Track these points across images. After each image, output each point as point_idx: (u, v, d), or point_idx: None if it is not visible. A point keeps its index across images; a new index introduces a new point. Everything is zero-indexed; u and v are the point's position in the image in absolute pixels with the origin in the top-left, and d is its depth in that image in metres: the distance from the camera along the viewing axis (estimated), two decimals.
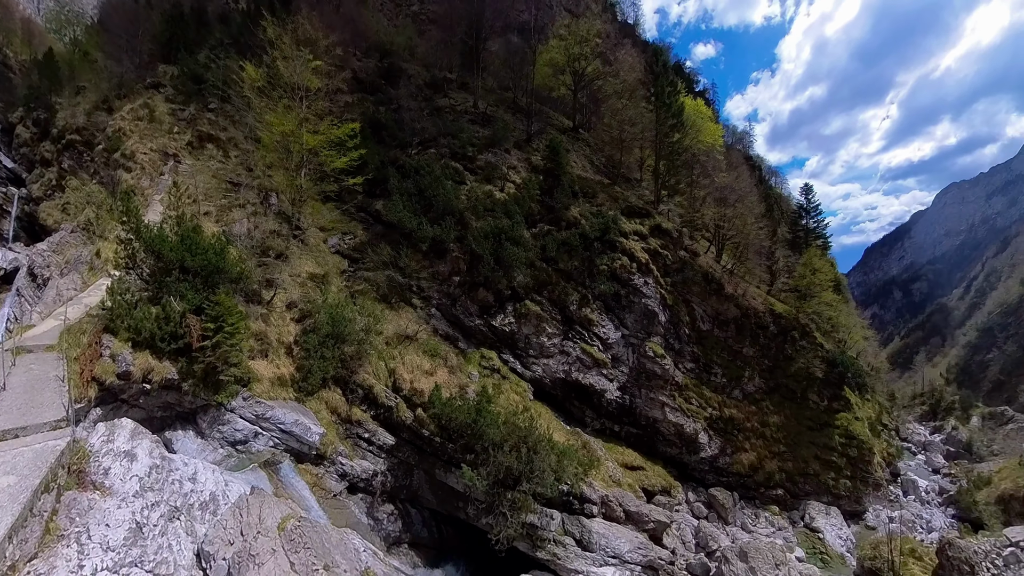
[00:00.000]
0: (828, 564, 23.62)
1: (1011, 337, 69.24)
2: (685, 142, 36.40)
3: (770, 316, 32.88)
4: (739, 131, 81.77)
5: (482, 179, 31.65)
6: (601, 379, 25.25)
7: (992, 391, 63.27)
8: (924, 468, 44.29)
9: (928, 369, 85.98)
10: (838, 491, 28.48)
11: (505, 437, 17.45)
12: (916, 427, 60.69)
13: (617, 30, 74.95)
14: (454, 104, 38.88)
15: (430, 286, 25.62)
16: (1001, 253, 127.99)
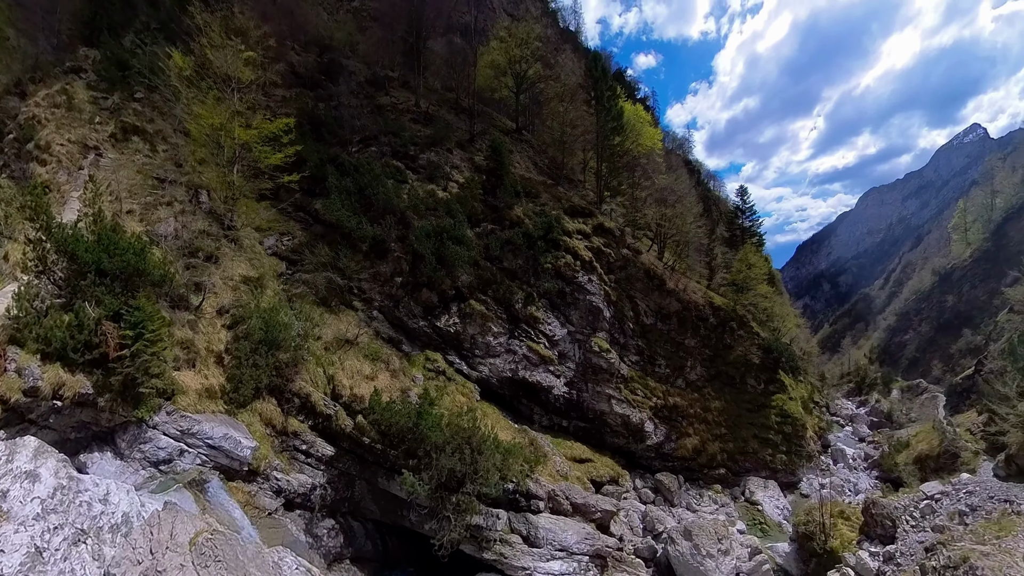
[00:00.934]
0: (767, 533, 25.15)
1: (924, 320, 76.04)
2: (626, 145, 37.64)
3: (710, 309, 34.52)
4: (679, 137, 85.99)
5: (424, 178, 31.41)
6: (548, 376, 25.55)
7: (909, 367, 69.33)
8: (851, 438, 47.91)
9: (854, 351, 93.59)
10: (775, 465, 30.31)
11: (448, 439, 17.23)
12: (844, 402, 65.78)
13: (558, 35, 76.60)
14: (396, 102, 38.37)
15: (371, 288, 25.03)
16: (915, 248, 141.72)
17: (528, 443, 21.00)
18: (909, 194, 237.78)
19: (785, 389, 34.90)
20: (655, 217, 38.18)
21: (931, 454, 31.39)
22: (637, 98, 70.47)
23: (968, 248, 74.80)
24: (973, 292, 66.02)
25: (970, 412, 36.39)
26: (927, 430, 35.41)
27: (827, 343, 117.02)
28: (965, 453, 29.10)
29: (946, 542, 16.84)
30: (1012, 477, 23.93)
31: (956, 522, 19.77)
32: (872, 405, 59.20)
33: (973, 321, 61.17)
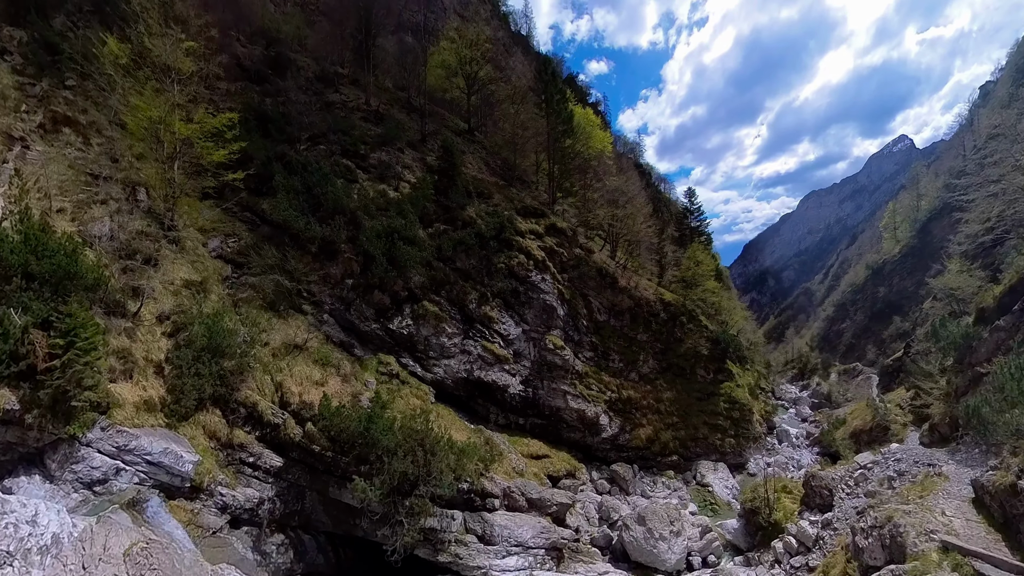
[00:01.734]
0: (717, 512, 26.52)
1: (859, 309, 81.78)
2: (576, 147, 38.49)
3: (660, 304, 35.85)
4: (630, 141, 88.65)
5: (375, 178, 31.04)
6: (504, 375, 25.84)
7: (846, 352, 74.35)
8: (795, 419, 51.19)
9: (797, 340, 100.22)
10: (724, 449, 31.93)
11: (401, 443, 17.08)
12: (788, 387, 70.41)
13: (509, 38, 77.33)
14: (346, 100, 37.62)
15: (321, 290, 24.47)
16: (851, 246, 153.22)
17: (484, 442, 21.18)
18: (845, 197, 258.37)
19: (733, 377, 36.77)
20: (607, 217, 39.33)
21: (865, 428, 33.91)
22: (589, 102, 72.26)
23: (897, 245, 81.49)
24: (902, 283, 71.65)
25: (899, 389, 39.14)
26: (862, 407, 38.19)
27: (772, 333, 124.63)
28: (895, 425, 31.63)
29: (875, 505, 18.40)
30: (935, 444, 25.97)
31: (886, 487, 21.65)
32: (813, 388, 63.27)
33: (902, 309, 66.34)
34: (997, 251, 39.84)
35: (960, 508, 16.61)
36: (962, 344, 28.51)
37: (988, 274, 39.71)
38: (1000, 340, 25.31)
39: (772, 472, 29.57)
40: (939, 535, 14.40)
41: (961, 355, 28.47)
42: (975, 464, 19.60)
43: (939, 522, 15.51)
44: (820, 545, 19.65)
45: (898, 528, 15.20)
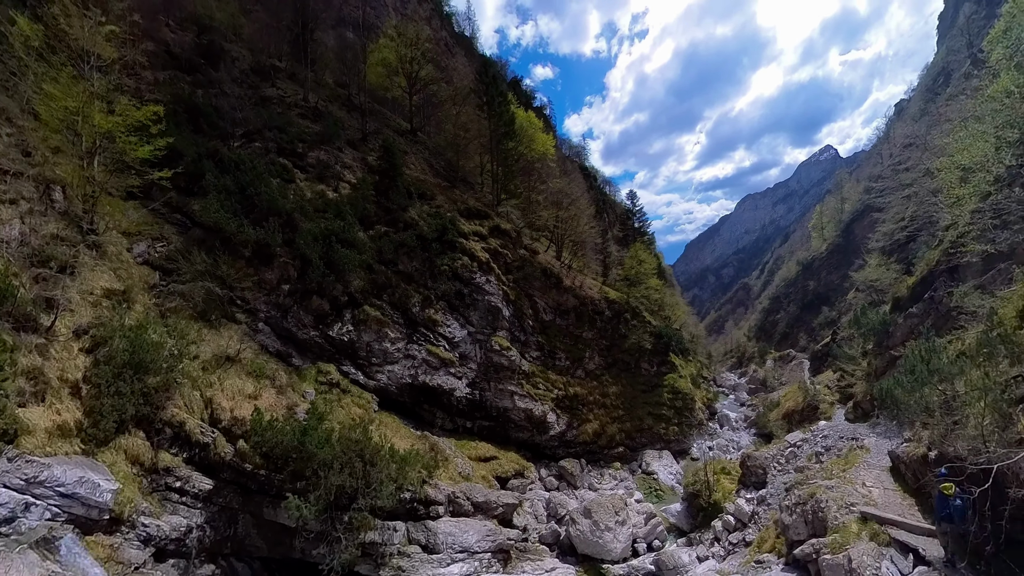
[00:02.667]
0: (662, 497, 27.36)
1: (792, 301, 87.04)
2: (520, 149, 38.47)
3: (605, 302, 36.48)
4: (575, 145, 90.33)
5: (313, 178, 29.67)
6: (450, 378, 25.33)
7: (781, 340, 79.00)
8: (734, 404, 54.11)
9: (736, 331, 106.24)
10: (669, 437, 32.97)
11: (338, 455, 16.38)
12: (728, 375, 74.42)
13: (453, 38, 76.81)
14: (283, 95, 35.78)
15: (256, 297, 22.94)
16: (784, 244, 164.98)
17: (428, 449, 20.60)
18: (778, 200, 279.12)
19: (676, 369, 38.04)
20: (551, 219, 39.60)
21: (797, 409, 35.97)
22: (534, 106, 72.96)
23: (824, 243, 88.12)
24: (829, 277, 77.14)
25: (827, 372, 42.04)
26: (794, 390, 40.49)
27: (713, 326, 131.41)
28: (823, 405, 33.83)
29: (802, 481, 19.28)
30: (858, 419, 27.83)
31: (814, 462, 23.01)
32: (751, 374, 66.84)
33: (829, 300, 71.32)
34: (910, 247, 43.65)
35: (879, 478, 17.68)
36: (880, 330, 31.06)
37: (903, 267, 43.31)
38: (913, 325, 27.78)
39: (713, 456, 30.76)
40: (858, 507, 15.08)
41: (880, 339, 31.05)
42: (892, 436, 21.01)
43: (859, 494, 16.33)
44: (755, 520, 20.64)
45: (820, 504, 15.91)
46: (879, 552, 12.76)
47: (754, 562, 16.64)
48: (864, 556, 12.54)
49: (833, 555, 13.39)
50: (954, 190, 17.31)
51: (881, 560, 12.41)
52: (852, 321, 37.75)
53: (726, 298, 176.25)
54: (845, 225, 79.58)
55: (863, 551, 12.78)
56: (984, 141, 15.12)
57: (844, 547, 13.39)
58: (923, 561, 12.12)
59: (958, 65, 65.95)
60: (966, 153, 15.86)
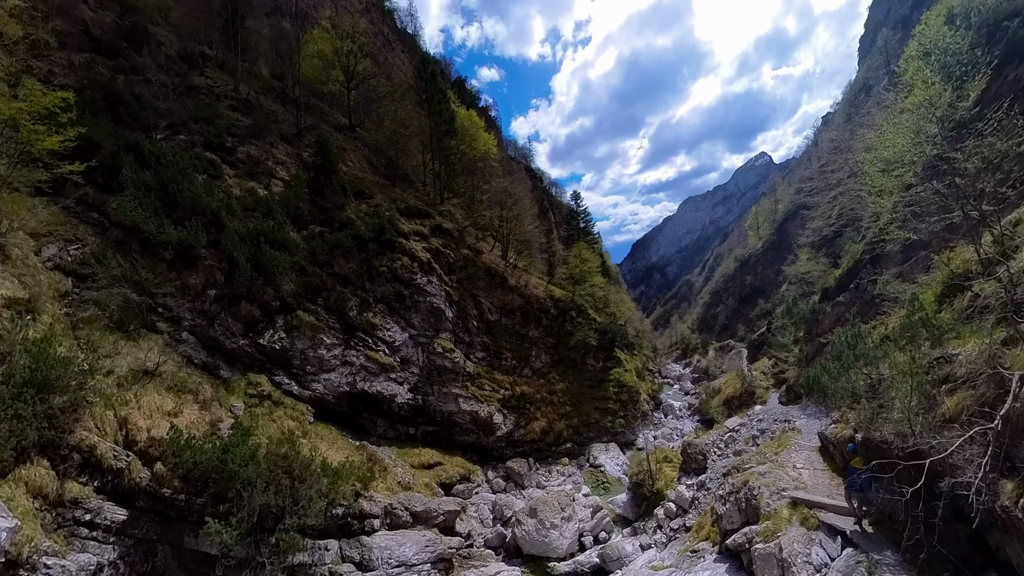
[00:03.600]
0: (609, 490, 27.52)
1: (731, 295, 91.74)
2: (462, 148, 37.74)
3: (551, 301, 36.44)
4: (521, 146, 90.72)
5: (243, 174, 27.59)
6: (390, 384, 24.28)
7: (721, 332, 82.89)
8: (679, 393, 55.76)
9: (680, 325, 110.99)
10: (615, 429, 33.41)
11: (263, 472, 15.11)
12: (673, 366, 77.27)
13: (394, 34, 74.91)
14: (212, 85, 33.00)
15: (179, 304, 20.89)
16: (723, 243, 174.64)
17: (366, 459, 19.55)
18: (717, 202, 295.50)
19: (621, 363, 38.64)
20: (494, 218, 39.10)
21: (736, 395, 37.48)
22: (479, 107, 72.46)
23: (760, 241, 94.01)
24: (764, 272, 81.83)
25: (763, 359, 44.27)
26: (733, 377, 42.27)
27: (659, 321, 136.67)
28: (759, 390, 35.48)
29: (738, 465, 19.66)
30: (791, 402, 29.20)
31: (751, 445, 23.81)
32: (694, 364, 69.63)
33: (765, 293, 75.61)
34: (837, 242, 46.65)
35: (809, 458, 18.22)
36: (810, 318, 32.96)
37: (830, 261, 46.26)
38: (839, 313, 29.43)
39: (657, 444, 31.22)
40: (789, 491, 15.30)
41: (810, 327, 32.99)
42: (821, 417, 21.97)
43: (790, 477, 16.64)
44: (696, 505, 21.05)
45: (752, 491, 16.05)
46: (809, 537, 12.94)
47: (690, 551, 16.77)
48: (794, 543, 12.71)
49: (765, 543, 13.49)
50: (878, 180, 18.14)
51: (811, 546, 12.61)
52: (785, 312, 39.98)
53: (671, 294, 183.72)
54: (778, 224, 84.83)
55: (793, 538, 12.98)
56: (904, 137, 15.93)
57: (776, 535, 13.53)
58: (851, 543, 12.37)
59: (877, 81, 71.91)
60: (889, 147, 16.61)
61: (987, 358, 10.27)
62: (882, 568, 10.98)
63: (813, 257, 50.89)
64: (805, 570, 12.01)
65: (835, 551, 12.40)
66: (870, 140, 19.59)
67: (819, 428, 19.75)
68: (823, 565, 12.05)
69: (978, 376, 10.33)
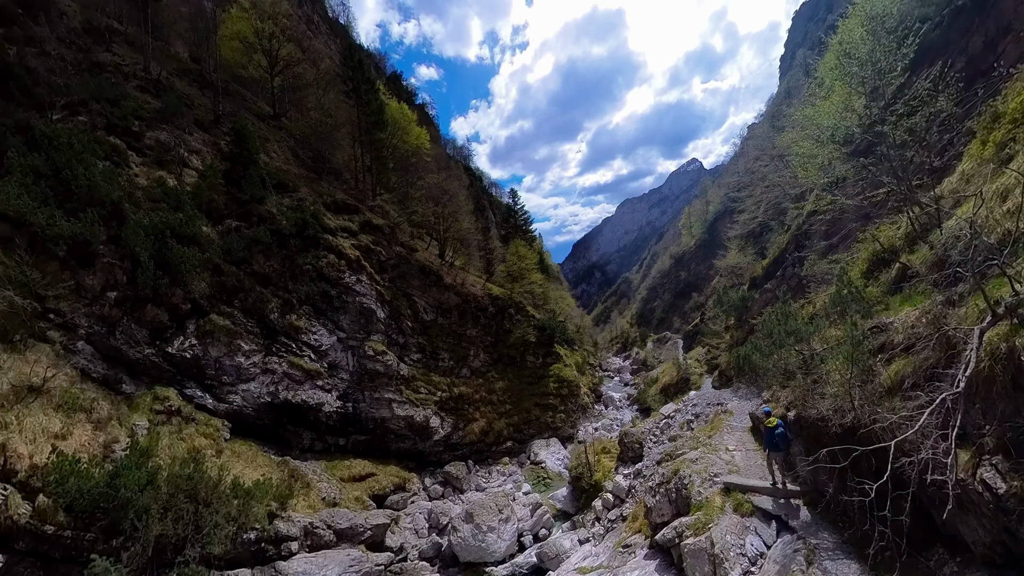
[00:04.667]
0: (550, 485, 27.18)
1: (667, 290, 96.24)
2: (393, 141, 36.16)
3: (489, 299, 35.83)
4: (460, 145, 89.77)
5: (152, 162, 24.58)
6: (317, 392, 22.57)
7: (658, 324, 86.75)
8: (619, 385, 57.16)
9: (619, 320, 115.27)
10: (556, 424, 33.41)
11: (163, 498, 13.47)
12: (614, 359, 79.62)
13: (324, 22, 71.30)
14: (120, 63, 29.11)
15: (74, 308, 18.00)
16: (659, 242, 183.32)
17: (287, 476, 17.93)
18: (653, 204, 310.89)
19: (561, 359, 38.83)
20: (429, 215, 37.85)
21: (672, 383, 38.80)
22: (416, 103, 70.51)
23: (693, 239, 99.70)
24: (697, 268, 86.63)
25: (697, 348, 46.37)
26: (669, 366, 43.87)
27: (600, 317, 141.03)
28: (694, 376, 36.89)
29: (672, 452, 19.55)
30: (723, 386, 30.22)
31: (685, 429, 24.05)
32: (633, 357, 72.06)
33: (698, 287, 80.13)
34: (764, 236, 49.55)
35: (741, 439, 18.18)
36: (740, 306, 34.43)
37: (758, 253, 49.12)
38: (767, 299, 30.76)
39: (598, 436, 31.34)
40: (722, 477, 14.83)
41: (740, 314, 34.51)
42: (752, 398, 22.53)
43: (723, 461, 16.26)
44: (632, 494, 20.88)
45: (683, 480, 15.48)
46: (743, 525, 12.36)
47: (621, 547, 16.36)
48: (727, 535, 12.06)
49: (695, 537, 12.75)
50: (812, 150, 18.09)
51: (745, 535, 12.01)
52: (716, 301, 41.90)
53: (611, 291, 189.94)
54: (710, 224, 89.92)
55: (726, 528, 12.32)
56: (830, 117, 16.30)
57: (707, 526, 12.84)
58: (786, 527, 11.82)
59: (797, 93, 77.79)
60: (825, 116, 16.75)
61: (931, 320, 9.67)
62: (821, 554, 10.30)
63: (742, 250, 54.11)
64: (739, 564, 11.24)
65: (771, 537, 11.87)
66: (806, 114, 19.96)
67: (750, 409, 19.85)
68: (758, 555, 11.41)
69: (919, 341, 9.74)
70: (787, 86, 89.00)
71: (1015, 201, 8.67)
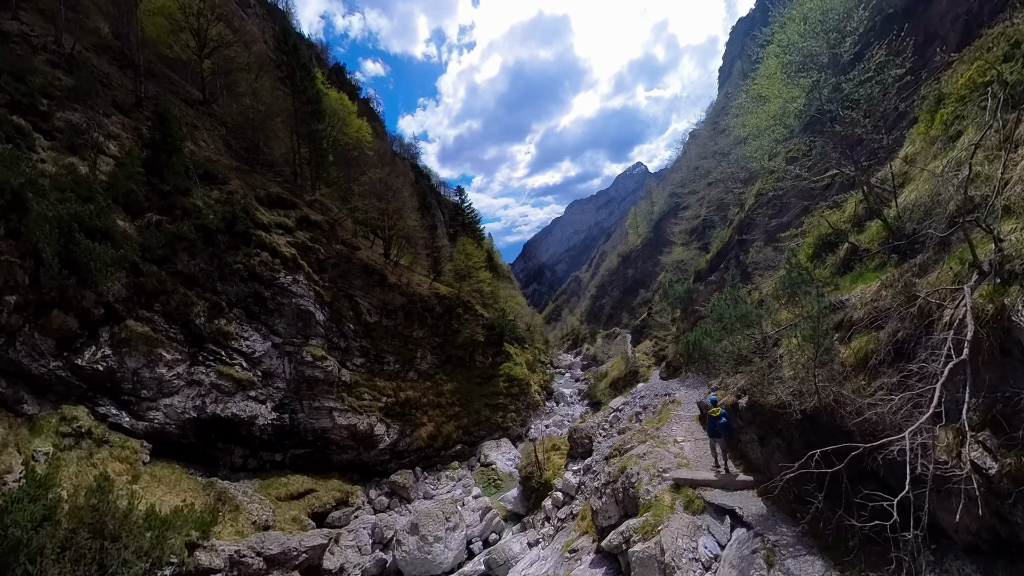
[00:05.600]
0: (501, 487, 26.83)
1: (615, 288, 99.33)
2: (332, 133, 34.38)
3: (436, 299, 35.07)
4: (407, 143, 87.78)
5: (62, 147, 21.70)
6: (249, 404, 21.05)
7: (607, 321, 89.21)
8: (570, 381, 58.24)
9: (570, 318, 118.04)
10: (506, 424, 33.28)
11: (62, 536, 11.94)
12: (565, 356, 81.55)
13: (262, 7, 67.18)
14: (29, 33, 25.49)
15: None
16: (607, 242, 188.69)
17: (213, 500, 16.48)
18: (600, 205, 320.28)
19: (511, 358, 38.77)
20: (372, 211, 36.35)
21: (621, 376, 39.62)
22: (360, 98, 67.88)
23: (639, 238, 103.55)
24: (644, 265, 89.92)
25: (645, 342, 47.42)
26: (618, 361, 44.81)
27: (551, 316, 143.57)
28: (642, 369, 37.83)
29: (620, 447, 19.15)
30: (671, 376, 30.87)
31: (634, 421, 24.06)
32: (584, 353, 73.57)
33: (645, 284, 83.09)
34: (707, 233, 51.68)
35: (690, 428, 17.78)
36: (685, 297, 35.37)
37: (701, 247, 51.17)
38: (712, 290, 31.30)
39: (549, 433, 31.31)
40: (671, 473, 14.21)
41: (685, 306, 35.44)
42: (699, 386, 22.90)
43: (672, 454, 15.73)
44: (582, 490, 20.67)
45: (630, 479, 14.71)
46: (694, 526, 11.65)
47: (568, 552, 15.96)
48: (678, 539, 11.28)
49: (644, 543, 11.93)
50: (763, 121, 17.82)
51: (698, 536, 11.28)
52: (662, 295, 43.21)
53: (561, 290, 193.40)
54: (655, 223, 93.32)
55: (677, 531, 11.57)
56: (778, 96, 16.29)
57: (656, 529, 12.06)
58: (741, 522, 11.09)
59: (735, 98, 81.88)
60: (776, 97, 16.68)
61: (899, 290, 9.02)
62: (782, 551, 9.49)
63: (686, 245, 56.27)
64: (692, 571, 10.45)
65: (725, 535, 11.13)
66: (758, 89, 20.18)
67: (698, 397, 19.86)
68: (713, 559, 10.66)
69: (884, 314, 9.16)
70: (724, 97, 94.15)
71: (965, 173, 8.08)
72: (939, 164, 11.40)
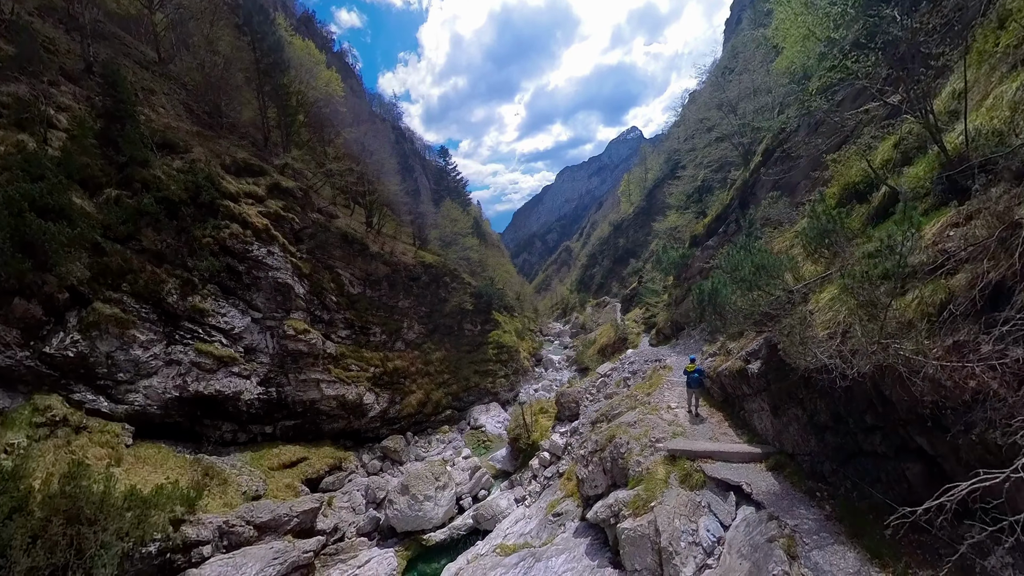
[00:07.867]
0: (490, 448, 27.85)
1: (606, 257, 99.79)
2: (299, 87, 32.72)
3: (421, 267, 34.78)
4: (387, 102, 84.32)
5: (9, 123, 20.54)
6: (233, 380, 21.02)
7: (598, 290, 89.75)
8: (559, 348, 59.81)
9: (560, 287, 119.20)
10: (496, 389, 34.05)
11: (36, 525, 11.91)
12: (555, 324, 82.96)
13: None
14: None
15: None
16: (599, 211, 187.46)
17: (200, 475, 16.49)
18: (592, 172, 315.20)
19: (499, 325, 38.97)
20: (350, 175, 35.25)
21: (609, 343, 40.27)
22: (333, 51, 64.85)
23: (631, 206, 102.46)
24: (636, 234, 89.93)
25: (635, 310, 47.92)
26: (607, 328, 45.42)
27: (542, 286, 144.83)
28: (631, 336, 38.35)
29: (607, 412, 19.23)
30: (661, 343, 31.26)
31: (622, 387, 24.55)
32: (573, 321, 74.33)
33: (636, 253, 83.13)
34: (705, 198, 50.81)
35: (682, 395, 16.82)
36: (680, 263, 34.55)
37: (698, 213, 50.45)
38: (709, 255, 30.01)
39: (537, 397, 32.10)
40: (665, 443, 13.11)
41: (679, 272, 34.80)
42: (690, 351, 23.36)
43: (665, 422, 14.68)
44: (568, 451, 21.63)
45: (619, 449, 13.67)
46: (693, 504, 10.45)
47: (552, 514, 16.18)
48: (675, 519, 10.07)
49: (636, 519, 10.78)
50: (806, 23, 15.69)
51: (697, 517, 10.08)
52: (654, 261, 42.71)
53: (551, 260, 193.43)
54: (649, 191, 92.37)
55: (673, 509, 10.35)
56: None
57: (648, 504, 10.94)
58: (749, 499, 9.86)
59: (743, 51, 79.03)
60: None
61: (992, 220, 6.92)
62: (804, 540, 8.11)
63: (681, 211, 55.15)
64: (692, 557, 9.15)
65: (728, 515, 9.89)
66: None
67: None
68: (715, 542, 9.43)
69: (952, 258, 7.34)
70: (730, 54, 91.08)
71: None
72: (1008, 88, 9.37)
